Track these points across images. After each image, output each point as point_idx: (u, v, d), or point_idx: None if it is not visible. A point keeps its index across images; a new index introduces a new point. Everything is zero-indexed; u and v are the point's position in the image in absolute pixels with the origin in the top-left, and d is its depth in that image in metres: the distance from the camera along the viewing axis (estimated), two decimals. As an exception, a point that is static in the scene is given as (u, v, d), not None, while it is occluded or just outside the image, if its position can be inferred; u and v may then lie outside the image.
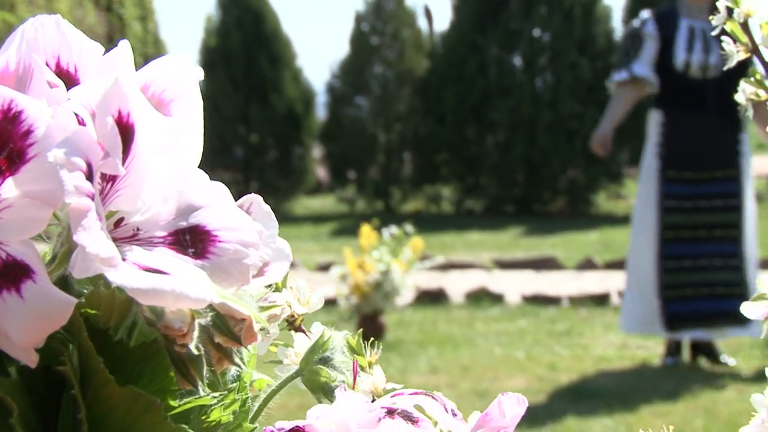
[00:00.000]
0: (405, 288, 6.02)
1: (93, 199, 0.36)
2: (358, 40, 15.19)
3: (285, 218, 14.65)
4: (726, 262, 5.09)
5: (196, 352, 0.38)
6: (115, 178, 0.38)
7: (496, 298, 7.23)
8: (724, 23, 0.66)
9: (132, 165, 0.38)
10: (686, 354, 5.31)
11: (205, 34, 15.27)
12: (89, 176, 0.36)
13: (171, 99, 0.42)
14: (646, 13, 5.25)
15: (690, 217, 5.08)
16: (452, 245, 11.00)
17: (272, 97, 15.31)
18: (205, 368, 0.39)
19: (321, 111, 16.16)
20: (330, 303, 6.80)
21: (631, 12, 12.00)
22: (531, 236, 11.58)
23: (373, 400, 0.46)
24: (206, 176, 0.41)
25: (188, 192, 0.40)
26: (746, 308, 0.44)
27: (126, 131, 0.38)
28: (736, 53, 0.66)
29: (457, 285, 7.69)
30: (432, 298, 7.24)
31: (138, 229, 0.39)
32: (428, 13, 17.76)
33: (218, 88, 15.32)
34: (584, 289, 7.42)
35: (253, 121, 15.40)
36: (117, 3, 12.31)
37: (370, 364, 0.53)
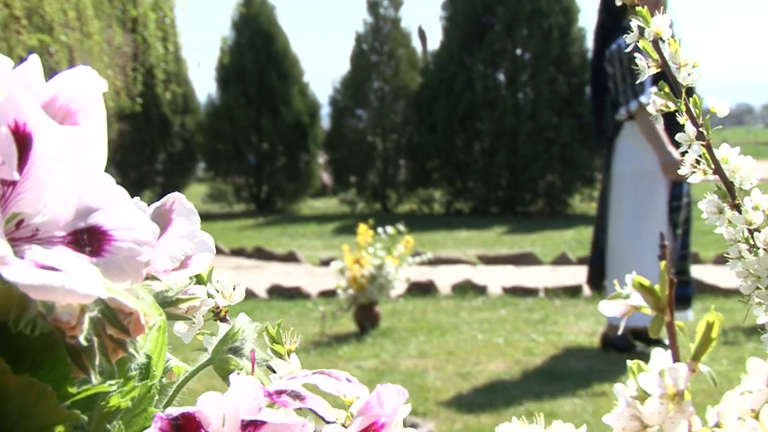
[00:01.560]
0: (397, 281, 6.00)
1: (-12, 203, 0.35)
2: (359, 58, 15.19)
3: (293, 218, 14.64)
4: (683, 252, 5.09)
5: (85, 344, 0.37)
6: (16, 183, 0.37)
7: (480, 290, 7.20)
8: (637, 41, 0.65)
9: (31, 170, 0.37)
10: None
11: (220, 52, 15.27)
12: (-15, 183, 0.35)
13: (78, 109, 0.41)
14: (632, 37, 4.98)
15: (684, 214, 5.05)
16: (442, 242, 10.99)
17: (281, 110, 15.31)
18: (100, 357, 0.38)
19: (325, 122, 16.18)
20: (331, 294, 6.80)
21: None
22: (513, 234, 11.55)
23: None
24: (110, 180, 0.40)
25: (88, 195, 0.39)
26: (603, 306, 0.42)
27: (23, 140, 0.36)
28: (647, 68, 0.65)
29: (445, 278, 7.67)
30: (422, 289, 7.22)
31: (38, 230, 0.38)
32: (423, 35, 17.75)
33: (233, 101, 15.32)
34: (559, 281, 7.39)
35: (264, 131, 15.39)
36: (141, 25, 12.29)
37: (289, 353, 0.51)
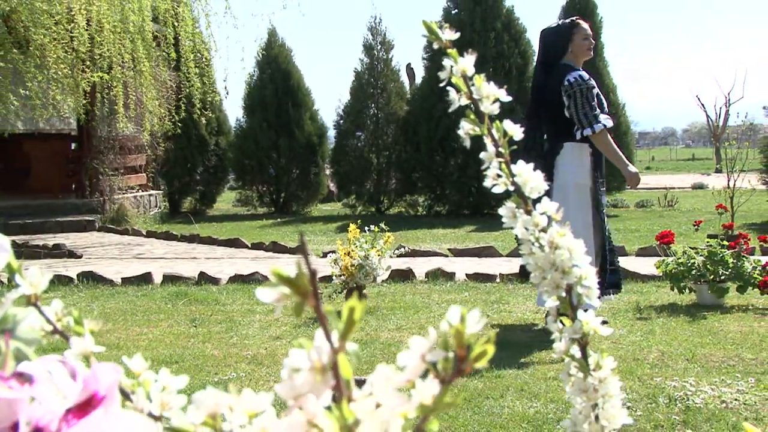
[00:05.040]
0: (380, 269, 5.98)
1: None
2: (357, 90, 15.18)
3: (304, 219, 14.61)
4: (610, 246, 5.05)
5: None
6: None
7: (449, 276, 7.17)
8: (450, 77, 0.63)
9: None
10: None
11: (246, 86, 15.25)
12: None
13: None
14: (585, 73, 4.87)
15: (604, 216, 5.02)
16: (423, 238, 10.96)
17: (296, 132, 15.30)
18: None
19: (331, 141, 16.16)
20: (327, 279, 6.77)
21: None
22: (480, 232, 11.53)
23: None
24: None
25: None
26: (260, 293, 0.39)
27: None
28: (458, 100, 0.63)
29: (421, 267, 7.65)
30: (402, 276, 7.20)
31: None
32: (411, 72, 17.73)
33: (256, 126, 15.31)
34: (513, 269, 7.37)
35: (281, 150, 15.38)
36: (183, 64, 12.28)
37: (92, 332, 0.48)
